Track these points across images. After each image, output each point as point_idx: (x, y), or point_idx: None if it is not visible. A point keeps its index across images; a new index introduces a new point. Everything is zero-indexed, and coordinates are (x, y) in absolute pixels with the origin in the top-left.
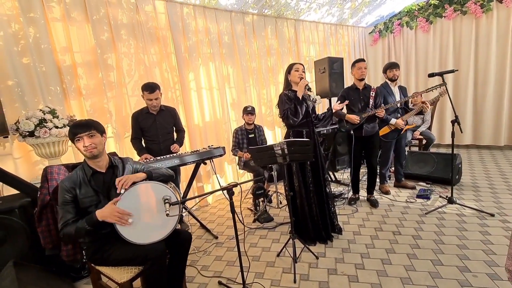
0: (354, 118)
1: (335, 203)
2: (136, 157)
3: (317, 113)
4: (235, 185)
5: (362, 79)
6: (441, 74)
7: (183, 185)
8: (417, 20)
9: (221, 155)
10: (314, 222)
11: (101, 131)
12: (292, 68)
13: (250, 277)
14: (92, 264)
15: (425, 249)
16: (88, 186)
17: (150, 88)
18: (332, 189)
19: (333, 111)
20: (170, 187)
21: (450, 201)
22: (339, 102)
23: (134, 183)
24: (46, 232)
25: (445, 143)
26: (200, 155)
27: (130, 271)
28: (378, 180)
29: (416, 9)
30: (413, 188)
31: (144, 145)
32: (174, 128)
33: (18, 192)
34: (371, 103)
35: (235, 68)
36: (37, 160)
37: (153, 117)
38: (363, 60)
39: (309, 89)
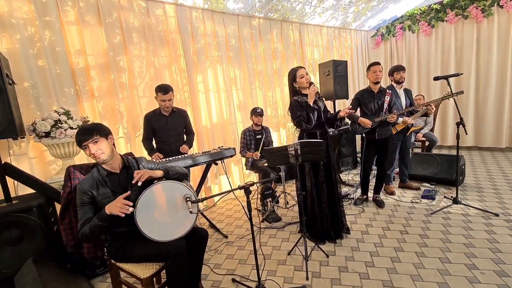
0: (367, 122)
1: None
2: (147, 157)
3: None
4: (252, 184)
5: (377, 83)
6: (446, 78)
7: (193, 186)
8: (419, 24)
9: (232, 156)
10: (323, 222)
11: (106, 134)
12: (296, 76)
13: (263, 274)
14: (113, 261)
15: (433, 247)
16: (105, 187)
17: (164, 89)
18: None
19: (338, 115)
20: (187, 185)
21: (455, 201)
22: (350, 106)
23: (153, 183)
24: (68, 229)
25: (447, 145)
26: (212, 155)
27: (152, 268)
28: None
29: (418, 13)
30: (418, 189)
31: (155, 145)
32: (185, 130)
33: (32, 191)
34: (385, 107)
35: (242, 71)
36: (50, 160)
37: (165, 119)
38: (378, 63)
39: (319, 97)
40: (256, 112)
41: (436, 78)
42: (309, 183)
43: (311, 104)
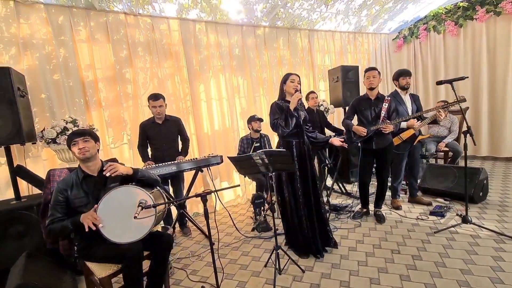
0: (361, 130)
1: (339, 216)
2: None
3: (312, 128)
4: (209, 193)
5: (372, 89)
6: (450, 82)
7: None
8: (445, 24)
9: (218, 163)
10: (304, 235)
11: (95, 138)
12: (288, 79)
13: (233, 284)
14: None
15: (422, 271)
16: (79, 188)
17: (154, 96)
18: (340, 202)
19: (330, 139)
20: (152, 191)
21: (465, 220)
22: (346, 115)
23: (115, 187)
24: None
25: (480, 155)
26: (197, 162)
27: (110, 268)
28: (390, 194)
29: (444, 12)
30: (429, 204)
31: (150, 152)
32: (179, 136)
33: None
34: (382, 115)
35: (245, 79)
36: (60, 163)
37: (159, 126)
38: (373, 68)
39: (301, 104)
40: (255, 118)
41: (439, 83)
42: (287, 194)
43: (292, 108)
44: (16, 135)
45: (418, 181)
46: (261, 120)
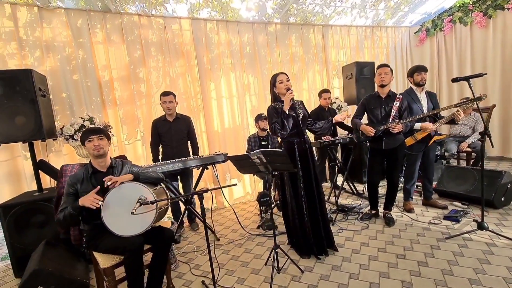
0: (369, 130)
1: (346, 217)
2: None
3: (314, 121)
4: (206, 191)
5: (383, 86)
6: (466, 79)
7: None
8: (472, 15)
9: (222, 161)
10: (305, 236)
11: (108, 137)
12: (276, 81)
13: (232, 280)
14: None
15: (427, 278)
16: (89, 182)
17: (165, 92)
18: (350, 202)
19: (333, 121)
20: (154, 188)
21: (480, 226)
22: (355, 114)
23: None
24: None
25: (509, 156)
26: (203, 160)
27: (113, 259)
28: (402, 195)
29: (471, 2)
30: (445, 208)
31: (161, 149)
32: (188, 136)
33: None
34: (393, 113)
35: (256, 77)
36: (80, 158)
37: (169, 124)
38: (385, 65)
39: (300, 102)
40: (262, 117)
41: (454, 80)
42: (288, 194)
43: (286, 111)
44: (37, 132)
45: (434, 183)
46: (267, 118)
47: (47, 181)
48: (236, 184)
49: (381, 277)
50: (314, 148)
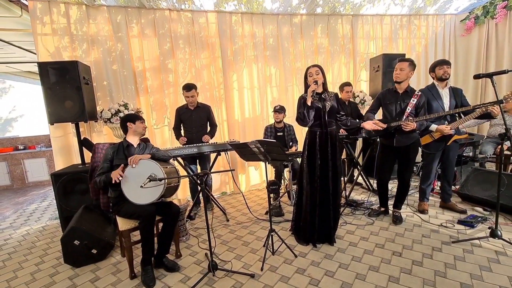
0: (380, 125)
1: (354, 211)
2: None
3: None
4: (207, 174)
5: (398, 82)
6: (490, 76)
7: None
8: None
9: (232, 149)
10: (312, 222)
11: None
12: (307, 73)
13: (231, 256)
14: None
15: (416, 277)
16: (122, 152)
17: (187, 87)
18: (363, 198)
19: (362, 123)
20: (166, 167)
21: (493, 234)
22: (370, 108)
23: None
24: (93, 188)
25: None
26: (216, 146)
27: (129, 224)
28: (418, 195)
29: None
30: (463, 212)
31: (182, 133)
32: (208, 122)
33: None
34: (408, 110)
35: (278, 68)
36: (116, 138)
37: (191, 112)
38: (404, 60)
39: (331, 95)
40: (275, 109)
41: (476, 77)
42: (305, 179)
43: (308, 103)
44: (81, 115)
45: (457, 186)
46: (280, 111)
47: (89, 156)
48: (234, 170)
49: (369, 270)
50: None
